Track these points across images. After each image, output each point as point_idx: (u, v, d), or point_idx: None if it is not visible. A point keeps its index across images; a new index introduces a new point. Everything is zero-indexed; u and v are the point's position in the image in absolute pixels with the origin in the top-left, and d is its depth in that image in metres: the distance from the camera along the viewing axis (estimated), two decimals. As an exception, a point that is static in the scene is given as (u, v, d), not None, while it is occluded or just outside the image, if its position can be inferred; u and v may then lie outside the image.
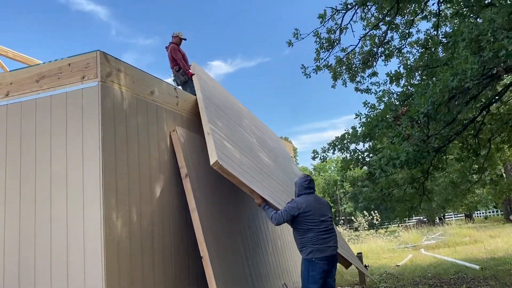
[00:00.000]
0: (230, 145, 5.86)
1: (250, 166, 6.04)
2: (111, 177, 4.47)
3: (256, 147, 7.53)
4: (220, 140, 5.55)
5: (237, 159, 5.68)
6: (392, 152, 4.27)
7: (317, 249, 4.62)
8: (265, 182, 6.09)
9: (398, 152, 4.24)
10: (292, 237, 5.36)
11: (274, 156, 8.67)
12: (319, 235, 4.67)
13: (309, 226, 4.68)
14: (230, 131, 6.53)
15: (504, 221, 28.70)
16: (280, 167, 8.34)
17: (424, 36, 7.40)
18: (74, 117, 4.61)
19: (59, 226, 4.46)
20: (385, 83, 6.94)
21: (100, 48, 4.65)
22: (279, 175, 7.47)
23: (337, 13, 6.96)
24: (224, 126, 6.41)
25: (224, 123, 6.55)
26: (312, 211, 4.72)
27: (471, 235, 19.26)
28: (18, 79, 5.01)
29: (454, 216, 39.17)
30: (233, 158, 5.50)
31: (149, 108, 5.34)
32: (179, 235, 5.49)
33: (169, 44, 7.85)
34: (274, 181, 6.65)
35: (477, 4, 5.84)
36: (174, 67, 7.67)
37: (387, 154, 4.32)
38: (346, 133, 6.21)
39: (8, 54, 8.25)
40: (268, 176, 6.57)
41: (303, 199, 4.82)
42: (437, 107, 4.25)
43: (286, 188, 6.92)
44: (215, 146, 5.05)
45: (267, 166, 7.14)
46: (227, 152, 5.44)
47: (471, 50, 4.04)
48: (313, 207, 4.75)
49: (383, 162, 4.37)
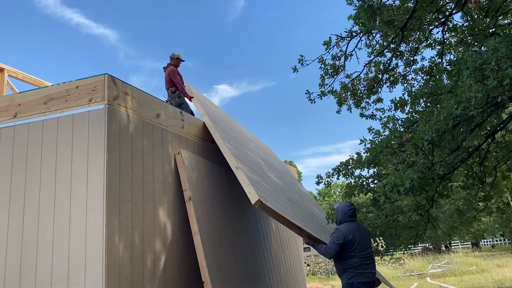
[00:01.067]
0: (255, 176, 5.75)
1: (276, 194, 5.95)
2: (115, 200, 4.47)
3: (266, 169, 7.50)
4: (249, 173, 5.50)
5: (268, 190, 5.60)
6: (396, 179, 4.25)
7: (359, 273, 4.82)
8: (295, 210, 6.05)
9: (403, 179, 4.22)
10: (295, 263, 5.34)
11: (284, 177, 8.63)
12: (361, 261, 4.86)
13: (352, 253, 4.85)
14: (244, 157, 6.46)
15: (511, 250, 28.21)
16: (292, 189, 8.32)
17: (428, 63, 7.45)
18: (80, 139, 4.65)
19: (60, 248, 4.44)
20: (390, 109, 6.96)
21: (108, 71, 4.75)
22: (297, 198, 7.43)
23: (342, 40, 7.05)
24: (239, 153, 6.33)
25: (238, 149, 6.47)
26: (355, 238, 4.89)
27: (478, 264, 18.92)
28: (27, 100, 5.08)
29: (460, 244, 38.60)
30: (265, 191, 5.43)
31: (154, 131, 5.37)
32: (182, 258, 5.44)
33: (167, 65, 7.77)
34: (299, 207, 6.60)
35: (481, 33, 5.90)
36: (170, 89, 7.56)
37: (391, 181, 4.30)
38: (351, 159, 6.20)
39: (18, 75, 8.38)
40: (292, 203, 6.47)
41: (347, 227, 4.96)
42: (441, 135, 4.25)
43: (310, 212, 6.86)
44: (251, 183, 4.97)
45: (285, 191, 7.09)
46: (259, 185, 5.33)
47: (475, 78, 4.06)
48: (356, 234, 4.93)
49: (387, 189, 4.34)
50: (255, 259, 6.90)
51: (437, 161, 4.87)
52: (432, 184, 4.95)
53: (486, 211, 9.96)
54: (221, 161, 6.98)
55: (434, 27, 7.26)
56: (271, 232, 8.14)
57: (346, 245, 4.85)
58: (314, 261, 25.02)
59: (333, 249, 4.86)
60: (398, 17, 6.51)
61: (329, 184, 6.77)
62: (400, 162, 4.43)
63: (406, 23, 6.49)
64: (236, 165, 5.32)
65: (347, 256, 4.85)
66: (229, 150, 5.66)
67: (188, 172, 5.72)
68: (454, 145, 4.65)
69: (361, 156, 5.94)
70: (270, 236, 7.98)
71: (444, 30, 7.18)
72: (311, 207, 7.78)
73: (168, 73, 7.62)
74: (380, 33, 7.08)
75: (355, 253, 4.84)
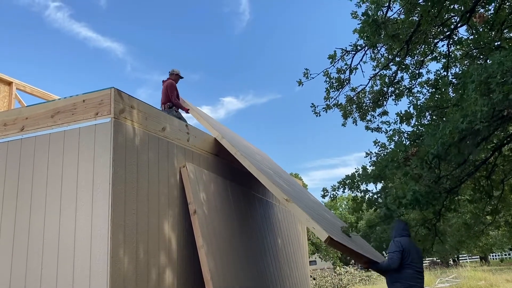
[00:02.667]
0: (306, 207, 5.74)
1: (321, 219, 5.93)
2: (120, 213, 4.48)
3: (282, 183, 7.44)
4: (300, 203, 5.50)
5: (318, 217, 5.61)
6: (398, 191, 4.23)
7: (411, 285, 4.99)
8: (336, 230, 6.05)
9: (405, 191, 4.19)
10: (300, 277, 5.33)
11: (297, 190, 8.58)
12: (415, 274, 5.06)
13: (408, 264, 5.03)
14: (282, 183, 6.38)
15: (520, 265, 27.79)
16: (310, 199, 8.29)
17: (434, 76, 7.44)
18: (86, 152, 4.67)
19: (65, 260, 4.44)
20: (395, 122, 6.94)
21: (115, 83, 4.84)
22: (326, 215, 7.37)
23: (347, 54, 7.07)
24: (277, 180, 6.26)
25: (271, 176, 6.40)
26: (411, 251, 5.11)
27: (487, 278, 18.63)
28: (34, 114, 5.13)
29: (468, 258, 38.09)
30: (322, 221, 5.46)
31: (160, 144, 5.39)
32: (186, 272, 5.41)
33: (166, 79, 7.76)
34: (332, 224, 6.53)
35: (486, 46, 5.90)
36: (166, 103, 7.53)
37: (393, 193, 4.27)
38: (356, 172, 6.16)
39: (26, 89, 8.47)
40: (327, 221, 6.37)
41: (402, 239, 5.18)
42: (447, 148, 4.22)
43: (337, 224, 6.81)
44: (311, 217, 5.07)
45: (316, 208, 7.07)
46: (318, 219, 5.37)
47: (480, 92, 4.05)
48: (411, 247, 5.16)
49: (389, 200, 4.32)
50: (260, 272, 6.85)
51: (443, 175, 4.84)
52: (439, 198, 4.90)
53: (494, 225, 9.83)
54: (226, 173, 6.98)
55: (439, 40, 7.26)
56: (277, 245, 8.09)
57: (404, 255, 5.04)
58: (320, 274, 24.78)
59: (395, 258, 5.01)
60: (403, 31, 6.53)
61: (335, 197, 6.72)
62: (404, 175, 4.41)
63: (411, 36, 6.50)
64: (285, 197, 5.35)
65: (404, 266, 5.02)
66: (270, 180, 5.64)
67: (193, 185, 5.72)
68: (461, 159, 4.61)
69: (366, 170, 5.91)
70: (275, 250, 7.92)
71: (449, 43, 7.18)
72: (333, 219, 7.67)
73: (166, 86, 7.61)
74: (385, 46, 7.10)
75: (411, 264, 5.03)
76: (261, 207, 7.96)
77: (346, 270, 24.74)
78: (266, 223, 7.91)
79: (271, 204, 8.57)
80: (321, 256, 34.99)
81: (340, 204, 59.07)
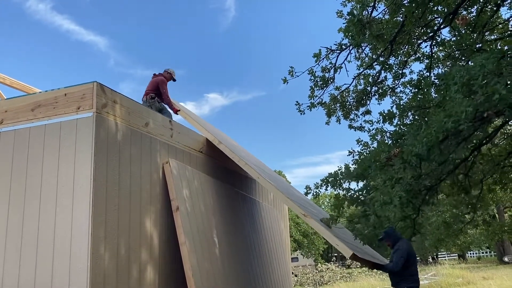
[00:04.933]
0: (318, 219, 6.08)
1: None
2: (101, 208, 4.42)
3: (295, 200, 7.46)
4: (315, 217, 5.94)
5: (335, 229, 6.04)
6: (385, 196, 4.28)
7: (416, 280, 5.87)
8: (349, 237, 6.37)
9: (391, 196, 4.25)
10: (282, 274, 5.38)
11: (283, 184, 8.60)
12: (416, 270, 5.96)
13: (410, 263, 5.81)
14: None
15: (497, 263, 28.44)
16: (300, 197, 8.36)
17: (417, 76, 7.52)
18: (67, 147, 4.60)
19: (45, 257, 4.36)
20: (378, 121, 7.00)
21: (98, 77, 4.77)
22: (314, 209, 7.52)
23: (331, 53, 7.09)
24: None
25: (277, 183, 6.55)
26: (412, 252, 5.92)
27: (464, 276, 19.00)
28: (14, 107, 5.02)
29: (447, 256, 38.79)
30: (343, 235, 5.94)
31: (143, 139, 5.34)
32: (168, 269, 5.38)
33: (158, 74, 7.59)
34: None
35: (468, 48, 5.99)
36: (149, 94, 7.27)
37: (380, 199, 4.32)
38: (339, 170, 6.20)
39: (5, 81, 8.28)
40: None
41: (405, 244, 5.88)
42: (429, 149, 4.27)
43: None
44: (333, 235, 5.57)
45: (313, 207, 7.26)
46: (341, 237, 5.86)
47: (462, 93, 4.11)
48: (411, 249, 5.97)
49: (377, 207, 4.40)
50: (243, 269, 6.85)
51: (424, 173, 4.90)
52: (419, 196, 4.97)
53: (472, 223, 10.03)
54: (210, 170, 6.95)
55: (422, 41, 7.35)
56: (260, 242, 8.10)
57: (407, 258, 5.78)
58: (302, 271, 24.95)
59: (400, 264, 5.74)
60: (387, 31, 6.59)
61: (318, 195, 6.76)
62: (388, 179, 4.46)
63: (395, 36, 6.56)
64: (303, 213, 5.81)
65: (407, 266, 5.76)
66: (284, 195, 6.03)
67: (176, 181, 5.68)
68: (443, 158, 4.69)
69: (349, 168, 5.96)
70: (259, 247, 7.94)
71: (432, 44, 7.27)
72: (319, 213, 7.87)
73: (157, 81, 7.43)
74: (369, 46, 7.15)
75: (413, 263, 5.86)
76: (245, 205, 7.95)
77: (328, 267, 24.95)
78: (250, 220, 7.92)
79: (255, 202, 8.57)
80: (303, 253, 35.21)
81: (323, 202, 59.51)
